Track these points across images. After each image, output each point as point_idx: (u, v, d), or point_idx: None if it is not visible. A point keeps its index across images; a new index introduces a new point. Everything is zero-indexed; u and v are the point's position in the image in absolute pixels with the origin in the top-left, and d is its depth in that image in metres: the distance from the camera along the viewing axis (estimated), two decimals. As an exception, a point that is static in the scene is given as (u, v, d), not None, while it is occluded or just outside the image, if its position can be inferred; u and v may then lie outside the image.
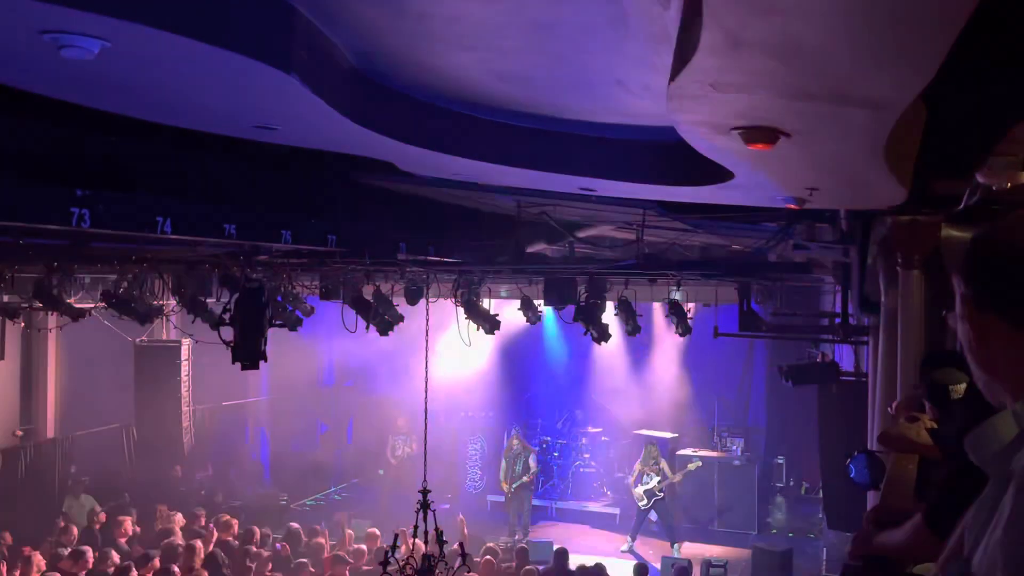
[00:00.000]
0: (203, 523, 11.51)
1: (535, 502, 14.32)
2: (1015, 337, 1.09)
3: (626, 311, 11.72)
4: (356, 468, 17.34)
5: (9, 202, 4.10)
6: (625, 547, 13.06)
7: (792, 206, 5.18)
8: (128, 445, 13.12)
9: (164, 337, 13.94)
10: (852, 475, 4.35)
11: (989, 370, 1.14)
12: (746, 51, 1.93)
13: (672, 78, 2.29)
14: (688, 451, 14.80)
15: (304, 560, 9.49)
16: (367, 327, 11.43)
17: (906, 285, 4.99)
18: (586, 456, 15.47)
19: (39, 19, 2.20)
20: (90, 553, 9.26)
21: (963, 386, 2.80)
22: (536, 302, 11.95)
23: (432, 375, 11.76)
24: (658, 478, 13.08)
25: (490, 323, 11.37)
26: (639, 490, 13.12)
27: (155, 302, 9.60)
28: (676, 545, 12.93)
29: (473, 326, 11.47)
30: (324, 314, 13.65)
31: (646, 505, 13.07)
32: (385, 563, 9.73)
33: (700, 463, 13.74)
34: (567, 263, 9.87)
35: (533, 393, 17.02)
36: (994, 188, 3.99)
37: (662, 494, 13.08)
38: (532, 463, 13.88)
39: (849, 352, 11.15)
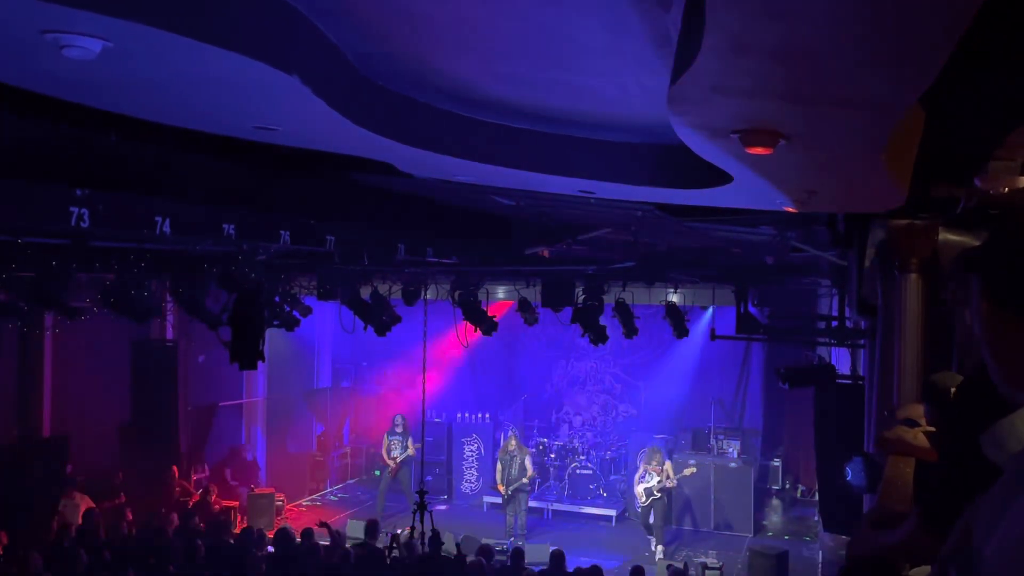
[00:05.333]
0: (198, 524, 11.50)
1: (531, 504, 14.32)
2: None
3: (623, 313, 11.74)
4: (353, 468, 17.34)
5: (9, 201, 4.10)
6: (657, 554, 13.01)
7: (790, 209, 5.19)
8: (124, 444, 13.09)
9: (161, 336, 13.92)
10: (849, 478, 4.36)
11: (1007, 367, 1.15)
12: (748, 55, 1.94)
13: (673, 81, 2.30)
14: (685, 453, 14.82)
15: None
16: (364, 328, 11.43)
17: (903, 289, 5.00)
18: (582, 458, 15.48)
19: (41, 18, 2.20)
20: (82, 552, 9.24)
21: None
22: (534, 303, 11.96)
23: (429, 376, 11.78)
24: (658, 478, 13.13)
25: (487, 324, 11.38)
26: (640, 488, 13.22)
27: (152, 302, 9.58)
28: (660, 547, 12.96)
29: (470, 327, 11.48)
30: (322, 315, 13.65)
31: (644, 503, 13.14)
32: (381, 562, 9.73)
33: (695, 469, 13.78)
34: (565, 265, 9.88)
35: (530, 395, 17.03)
36: (992, 192, 4.01)
37: (659, 495, 13.12)
38: (529, 465, 13.89)
39: (846, 355, 11.17)
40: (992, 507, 1.12)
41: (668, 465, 13.41)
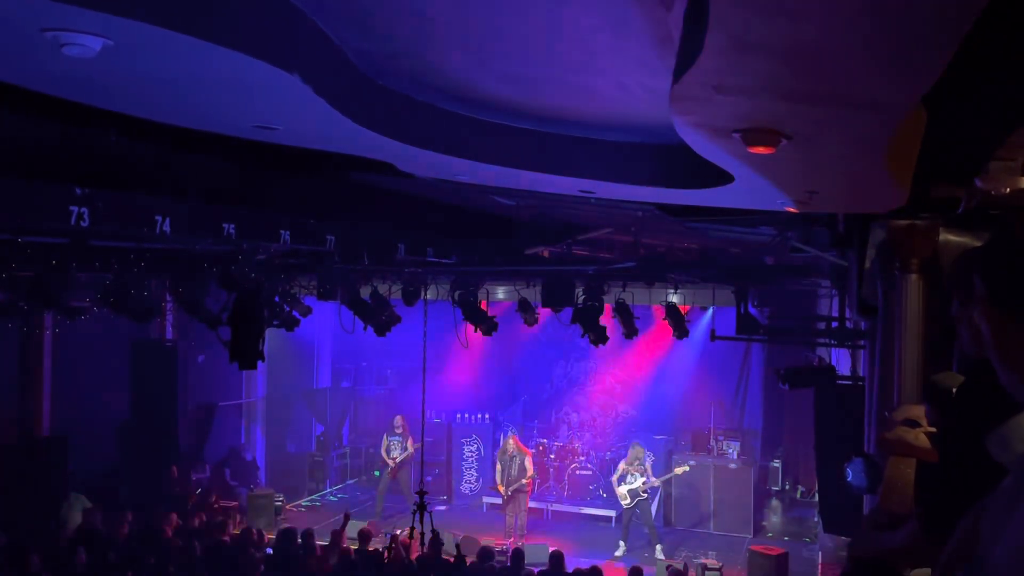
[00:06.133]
0: (197, 524, 11.49)
1: (531, 504, 14.30)
2: None
3: (623, 314, 11.73)
4: (352, 469, 17.33)
5: (9, 200, 4.09)
6: (619, 552, 13.04)
7: (791, 209, 5.19)
8: (124, 444, 13.09)
9: (161, 336, 13.92)
10: (849, 479, 4.35)
11: (1013, 368, 1.15)
12: (751, 54, 1.93)
13: (675, 80, 2.30)
14: (685, 454, 14.81)
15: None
16: (364, 328, 11.43)
17: (904, 289, 5.00)
18: (582, 459, 15.47)
19: (41, 16, 2.20)
20: (84, 553, 9.24)
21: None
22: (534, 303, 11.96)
23: (429, 376, 11.76)
24: (643, 479, 13.09)
25: (487, 324, 11.37)
26: (622, 489, 13.12)
27: (152, 301, 9.57)
28: (659, 547, 12.94)
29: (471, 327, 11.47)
30: (321, 315, 13.63)
31: (629, 504, 13.09)
32: (380, 563, 9.73)
33: (687, 467, 13.74)
34: (565, 265, 9.88)
35: (530, 395, 17.02)
36: (993, 193, 4.00)
37: (645, 495, 13.08)
38: (528, 465, 13.87)
39: (846, 356, 11.16)
40: (999, 510, 1.12)
41: (649, 466, 13.39)
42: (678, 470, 13.61)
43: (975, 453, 1.43)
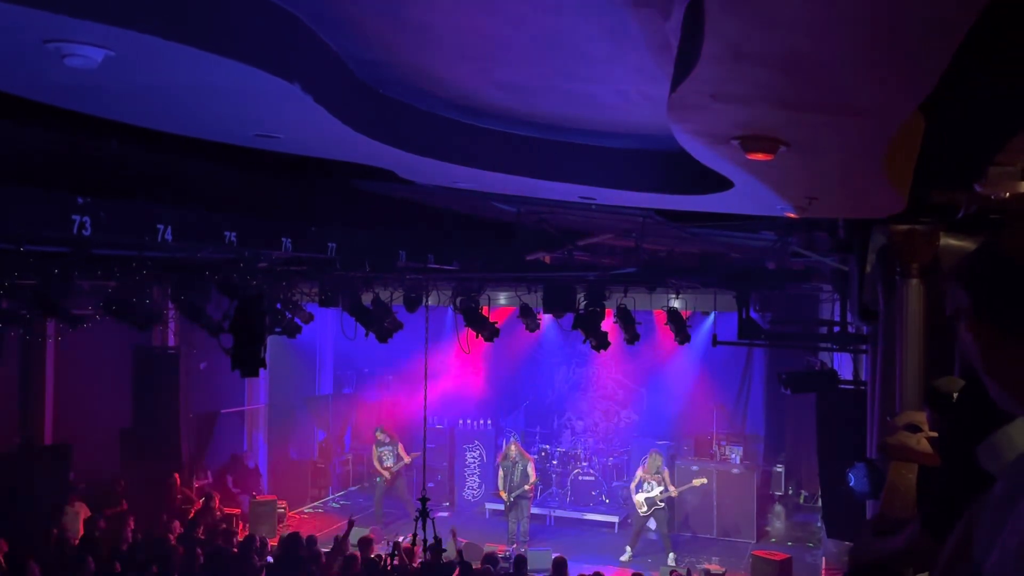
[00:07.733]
0: (200, 532, 11.48)
1: (534, 510, 14.29)
2: (1020, 349, 1.10)
3: (625, 319, 11.74)
4: (355, 475, 17.32)
5: (11, 209, 4.11)
6: (625, 557, 13.05)
7: (791, 215, 5.19)
8: (126, 452, 13.09)
9: (163, 343, 13.93)
10: (852, 484, 4.35)
11: (998, 380, 1.15)
12: (748, 62, 1.94)
13: (673, 88, 2.31)
14: (687, 460, 14.80)
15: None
16: (366, 334, 11.44)
17: (904, 294, 5.00)
18: (584, 464, 15.45)
19: (42, 28, 2.21)
20: (90, 560, 9.23)
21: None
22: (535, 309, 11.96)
23: (431, 382, 11.77)
24: (660, 487, 13.08)
25: (489, 330, 11.38)
26: (639, 497, 13.11)
27: (154, 309, 9.58)
28: (672, 555, 12.92)
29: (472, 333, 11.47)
30: (323, 321, 13.64)
31: (646, 512, 13.06)
32: (383, 570, 9.73)
33: (705, 480, 13.73)
34: (566, 271, 9.88)
35: (532, 401, 17.01)
36: (992, 198, 4.01)
37: (662, 504, 13.07)
38: (531, 471, 13.86)
39: (848, 360, 11.16)
40: (992, 519, 1.12)
41: (666, 473, 13.39)
42: (696, 482, 13.63)
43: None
